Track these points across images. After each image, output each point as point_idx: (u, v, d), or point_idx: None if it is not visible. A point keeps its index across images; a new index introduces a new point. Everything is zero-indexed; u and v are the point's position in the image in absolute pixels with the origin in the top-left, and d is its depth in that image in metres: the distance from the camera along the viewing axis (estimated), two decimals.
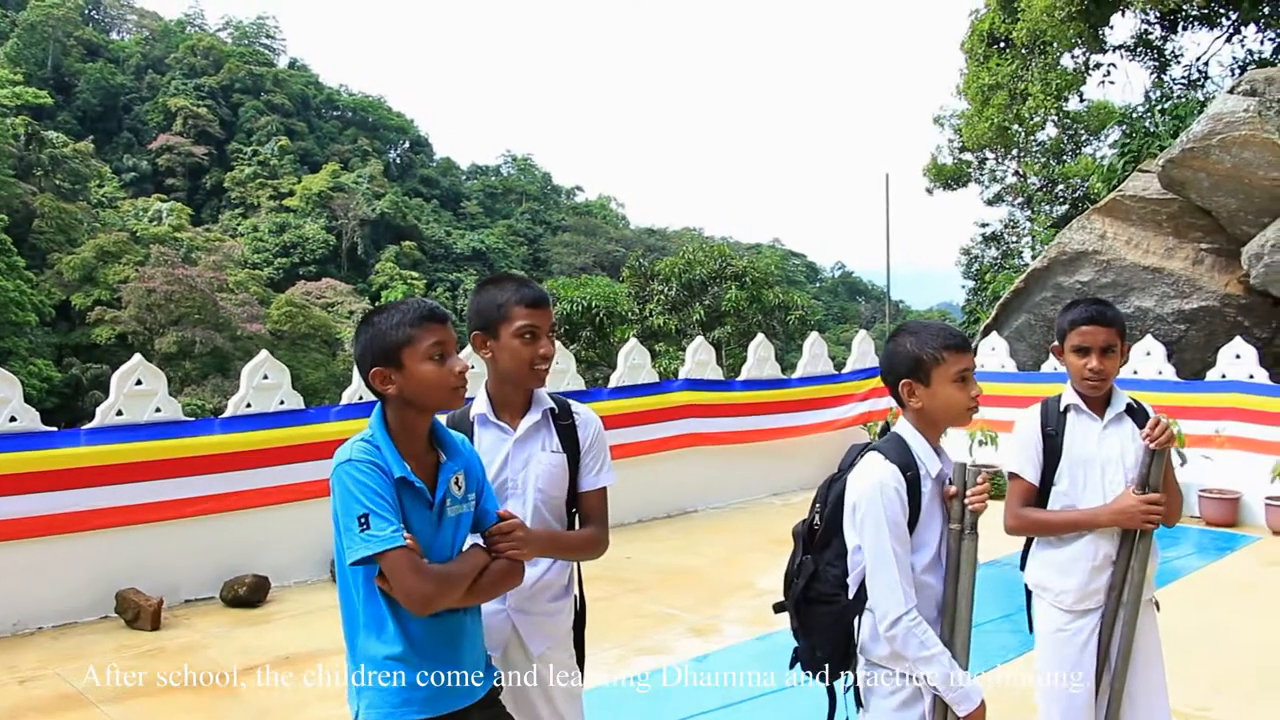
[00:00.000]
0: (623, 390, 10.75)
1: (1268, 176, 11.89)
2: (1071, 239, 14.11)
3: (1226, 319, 13.27)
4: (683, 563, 9.20)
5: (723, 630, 7.22)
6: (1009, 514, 3.65)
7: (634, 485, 10.58)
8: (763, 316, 27.21)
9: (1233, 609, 7.59)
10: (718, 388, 11.68)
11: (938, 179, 24.67)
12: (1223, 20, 19.63)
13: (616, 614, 7.49)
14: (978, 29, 21.14)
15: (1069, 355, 3.60)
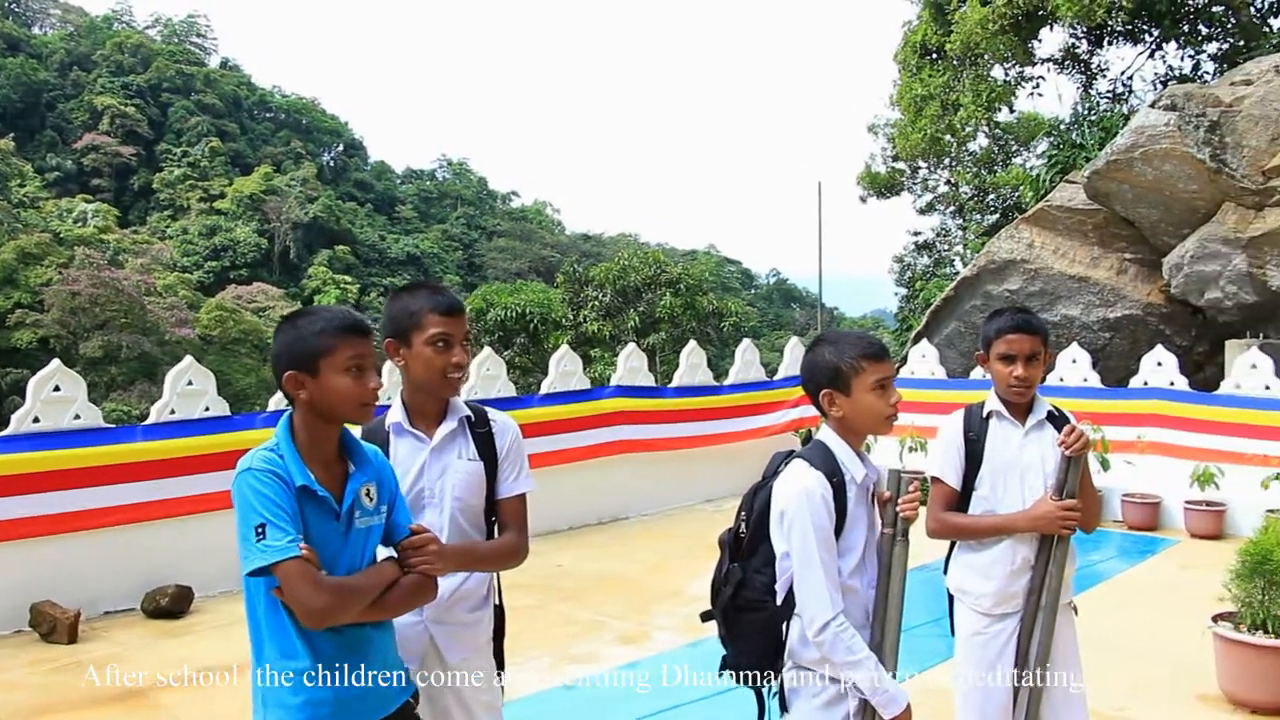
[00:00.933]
0: (554, 397, 10.71)
1: (1187, 189, 12.18)
2: (1000, 248, 14.34)
3: (1149, 327, 13.57)
4: (614, 569, 9.18)
5: (654, 637, 7.21)
6: (930, 518, 3.69)
7: (566, 492, 10.56)
8: (697, 323, 27.31)
9: (1152, 611, 7.73)
10: (650, 394, 11.68)
11: (871, 187, 24.93)
12: (1146, 36, 20.09)
13: (547, 621, 7.45)
14: (911, 40, 21.41)
15: (994, 363, 3.64)
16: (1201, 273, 12.38)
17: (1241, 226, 11.89)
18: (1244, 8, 19.27)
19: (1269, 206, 11.71)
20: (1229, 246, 12.01)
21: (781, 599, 3.01)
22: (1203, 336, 13.64)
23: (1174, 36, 19.91)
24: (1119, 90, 20.48)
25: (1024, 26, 18.19)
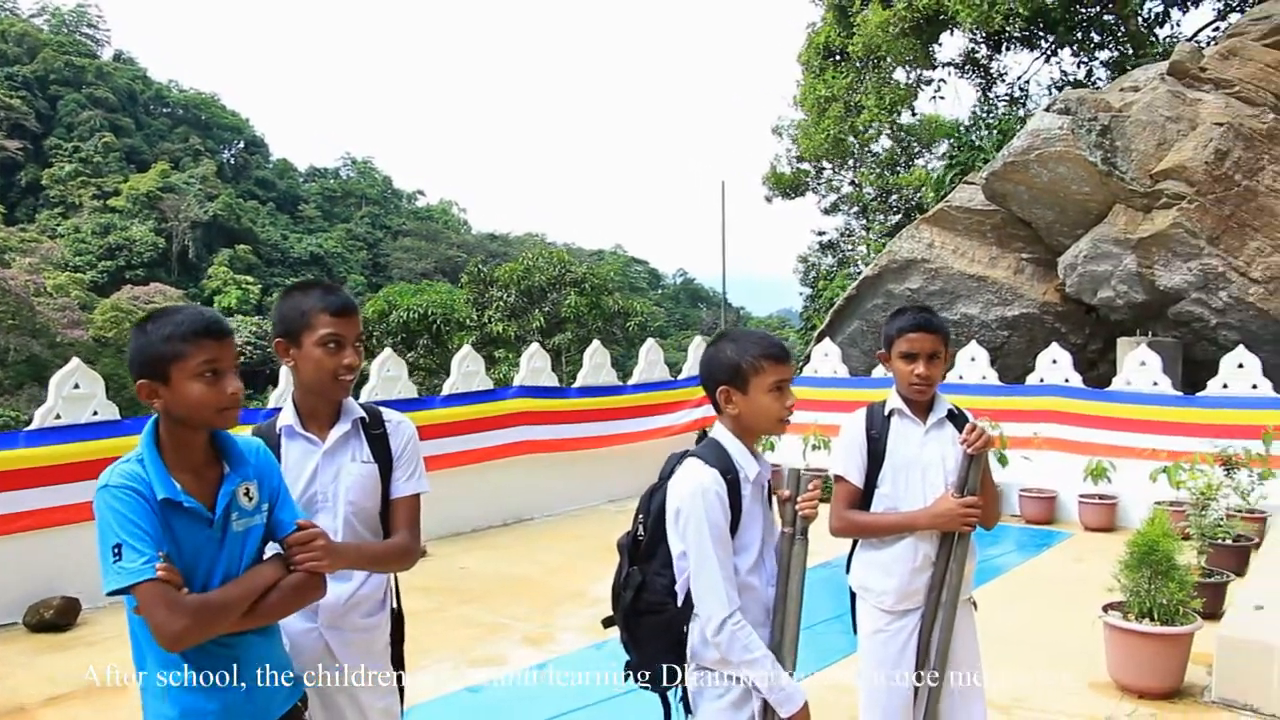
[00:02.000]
0: (456, 398, 10.60)
1: (1080, 191, 12.51)
2: (901, 248, 14.57)
3: (1045, 325, 13.90)
4: (518, 571, 9.12)
5: (558, 638, 7.16)
6: (833, 516, 3.71)
7: (470, 494, 10.47)
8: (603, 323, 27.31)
9: (1047, 602, 7.92)
10: (553, 395, 11.64)
11: (777, 188, 25.15)
12: (1041, 43, 20.61)
13: (450, 624, 7.37)
14: (814, 42, 21.66)
15: (896, 361, 3.66)
16: (1094, 272, 12.72)
17: (1131, 228, 12.23)
18: (1132, 17, 19.87)
19: (1157, 209, 12.07)
20: (1120, 247, 12.35)
21: (681, 600, 2.99)
22: (1096, 334, 14.01)
23: (1068, 43, 20.45)
24: (1016, 94, 21.00)
25: (925, 30, 18.52)
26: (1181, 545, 6.34)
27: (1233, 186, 11.87)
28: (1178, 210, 11.83)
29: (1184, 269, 12.08)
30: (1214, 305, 12.13)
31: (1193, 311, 12.34)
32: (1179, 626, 5.82)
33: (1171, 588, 5.90)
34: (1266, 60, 12.83)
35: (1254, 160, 12.00)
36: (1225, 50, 13.02)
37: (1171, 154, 12.00)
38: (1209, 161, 11.77)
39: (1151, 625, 5.82)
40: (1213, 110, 12.22)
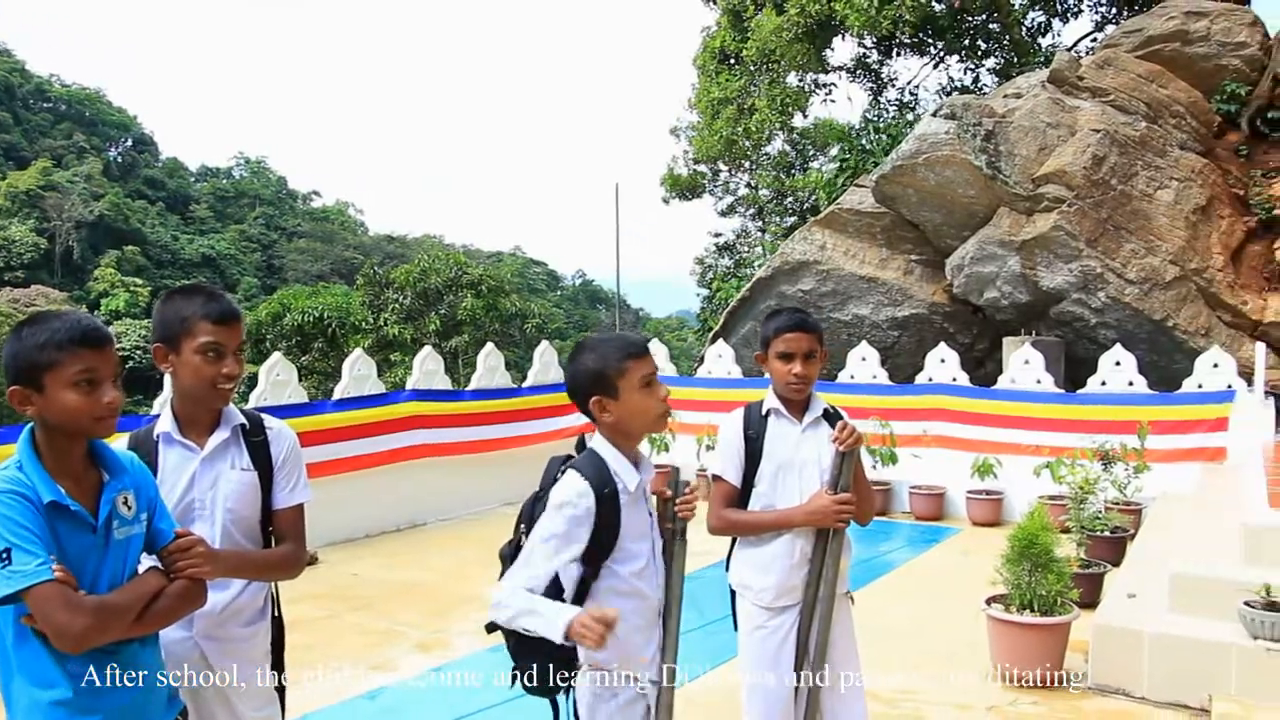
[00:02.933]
0: (348, 402, 10.46)
1: (966, 194, 12.84)
2: (794, 249, 14.78)
3: (934, 325, 14.23)
4: (411, 577, 9.04)
5: (452, 644, 7.13)
6: (712, 515, 3.74)
7: (362, 499, 10.35)
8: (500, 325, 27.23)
9: (935, 596, 8.12)
10: (447, 398, 11.56)
11: (674, 189, 25.25)
12: (930, 49, 21.10)
13: (342, 632, 7.28)
14: (710, 45, 21.85)
15: (773, 361, 3.71)
16: (980, 273, 13.06)
17: (1015, 230, 12.60)
18: (1016, 27, 20.48)
19: (1039, 212, 12.45)
20: (1004, 249, 12.71)
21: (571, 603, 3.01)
22: (983, 334, 14.39)
23: (956, 50, 20.99)
24: (906, 99, 21.44)
25: (817, 35, 18.82)
26: (1060, 538, 6.57)
27: (1109, 191, 12.30)
28: (1058, 213, 12.22)
29: (1065, 270, 12.47)
30: (1093, 305, 12.55)
31: (1073, 311, 12.75)
32: (1057, 617, 6.02)
33: (1050, 579, 6.11)
34: (1138, 71, 13.34)
35: (1128, 166, 12.46)
36: (1101, 60, 13.51)
37: (1052, 159, 12.39)
38: (1087, 167, 12.18)
39: (1032, 616, 6.02)
40: (1090, 117, 12.65)
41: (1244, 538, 6.40)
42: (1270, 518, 6.57)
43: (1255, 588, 5.68)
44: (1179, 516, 8.29)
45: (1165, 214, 12.50)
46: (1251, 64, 13.67)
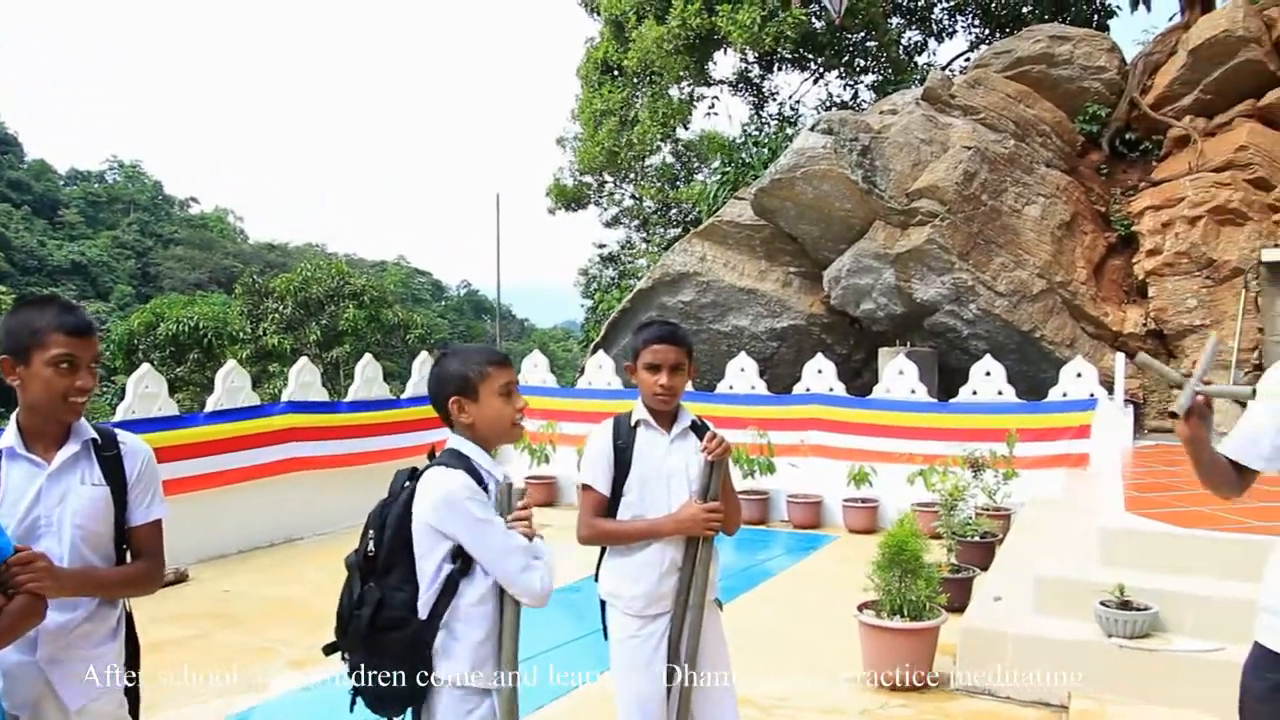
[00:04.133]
0: (221, 414, 10.21)
1: (843, 208, 13.10)
2: (674, 261, 14.90)
3: (812, 336, 14.47)
4: (286, 593, 8.85)
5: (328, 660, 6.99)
6: (581, 524, 3.78)
7: (235, 514, 10.12)
8: (383, 335, 26.89)
9: (811, 603, 8.25)
10: (323, 410, 11.36)
11: (560, 200, 25.22)
12: (811, 64, 21.47)
13: (212, 652, 7.09)
14: (593, 56, 21.88)
15: (641, 373, 3.76)
16: (857, 285, 13.34)
17: (890, 243, 12.90)
18: (893, 46, 20.98)
19: (912, 225, 12.77)
20: (880, 261, 13.00)
21: (427, 614, 2.99)
22: (860, 345, 14.68)
23: (836, 67, 21.42)
24: (787, 113, 21.77)
25: (699, 48, 18.99)
26: (930, 544, 6.74)
27: (980, 206, 12.68)
28: (931, 227, 12.54)
29: (938, 283, 12.80)
30: (965, 316, 12.91)
31: (946, 323, 13.09)
32: (926, 621, 6.17)
33: (919, 585, 6.26)
34: (1007, 90, 13.79)
35: (998, 182, 12.86)
36: (972, 80, 13.93)
37: (926, 174, 12.73)
38: (958, 182, 12.54)
39: (901, 621, 6.15)
40: (962, 134, 13.03)
41: (1101, 540, 6.65)
42: (1125, 521, 6.84)
43: (1110, 588, 5.90)
44: (1044, 521, 8.56)
45: (1032, 229, 12.93)
46: (1111, 87, 14.23)
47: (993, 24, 21.11)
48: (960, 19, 21.91)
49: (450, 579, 2.97)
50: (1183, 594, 5.83)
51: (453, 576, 2.97)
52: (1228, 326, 12.18)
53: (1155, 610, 5.77)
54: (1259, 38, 13.00)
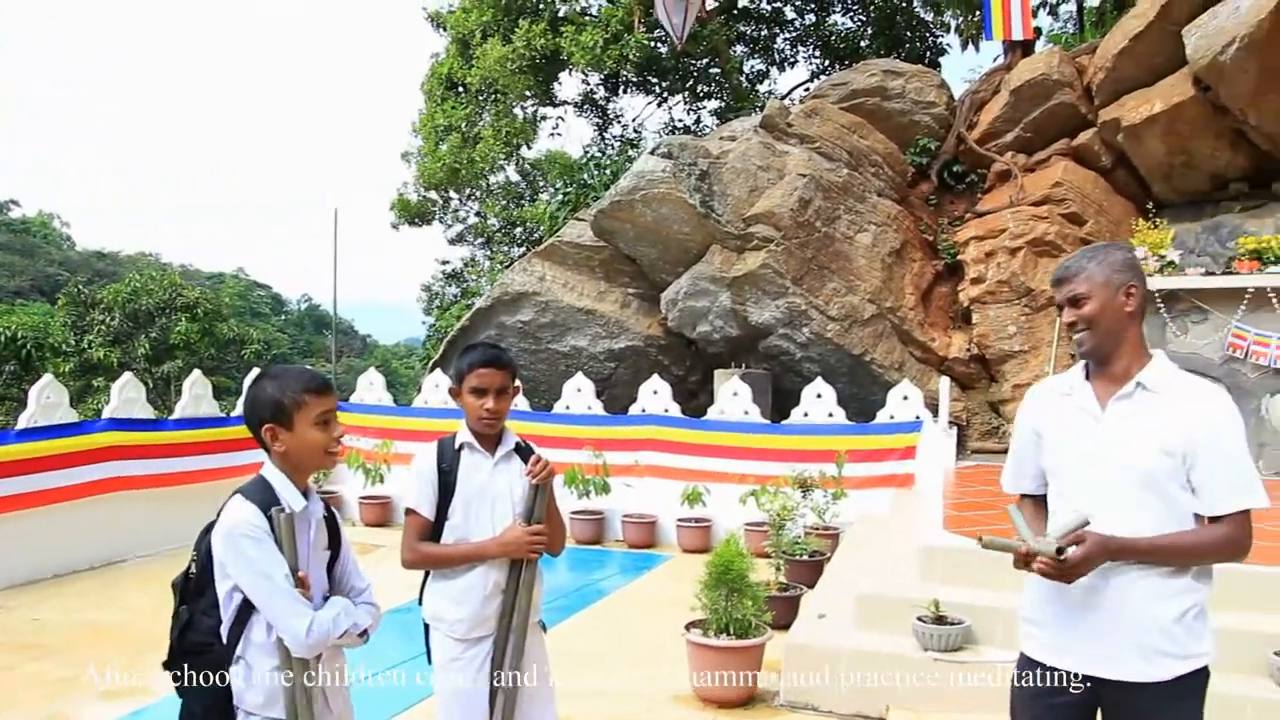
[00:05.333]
0: (35, 432, 9.69)
1: (681, 231, 13.26)
2: (514, 280, 14.85)
3: (649, 357, 14.58)
4: (104, 619, 8.44)
5: (149, 688, 6.65)
6: (405, 548, 3.73)
7: (50, 537, 9.63)
8: (217, 350, 26.08)
9: (645, 621, 8.27)
10: (148, 427, 10.91)
11: (404, 215, 24.80)
12: (655, 88, 21.73)
13: (18, 686, 6.68)
14: (437, 71, 21.69)
15: (466, 396, 3.75)
16: (693, 308, 13.50)
17: (726, 267, 13.10)
18: (735, 73, 21.42)
19: (748, 250, 13.00)
20: (716, 285, 13.19)
21: (227, 640, 2.93)
22: (696, 366, 14.86)
23: (680, 91, 21.72)
24: (631, 136, 21.98)
25: (544, 69, 19.03)
26: (759, 563, 6.84)
27: (814, 232, 13.00)
28: (766, 252, 12.79)
29: (772, 306, 13.06)
30: (798, 340, 13.20)
31: (780, 345, 13.36)
32: (752, 639, 6.26)
33: (746, 604, 6.35)
34: (842, 121, 14.20)
35: (831, 209, 13.21)
36: (809, 110, 14.29)
37: (762, 200, 12.98)
38: (794, 209, 12.83)
39: (728, 639, 6.22)
40: (797, 162, 13.35)
41: (919, 557, 6.86)
42: (942, 539, 7.08)
43: (927, 603, 6.09)
44: (869, 539, 8.79)
45: (864, 256, 13.31)
46: (940, 122, 14.79)
47: (832, 56, 21.74)
48: (802, 49, 22.49)
49: (241, 609, 2.93)
50: (994, 608, 6.05)
51: (243, 608, 2.93)
52: (1044, 353, 12.75)
53: (968, 624, 5.99)
54: (1072, 82, 13.70)
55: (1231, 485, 2.88)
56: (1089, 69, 13.70)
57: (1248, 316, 11.13)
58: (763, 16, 22.49)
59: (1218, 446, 2.88)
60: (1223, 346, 11.27)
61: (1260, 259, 11.23)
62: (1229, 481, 2.88)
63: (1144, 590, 2.92)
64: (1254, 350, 11.11)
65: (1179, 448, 2.88)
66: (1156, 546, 2.88)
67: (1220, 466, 2.88)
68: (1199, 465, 2.88)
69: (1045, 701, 3.09)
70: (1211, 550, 2.92)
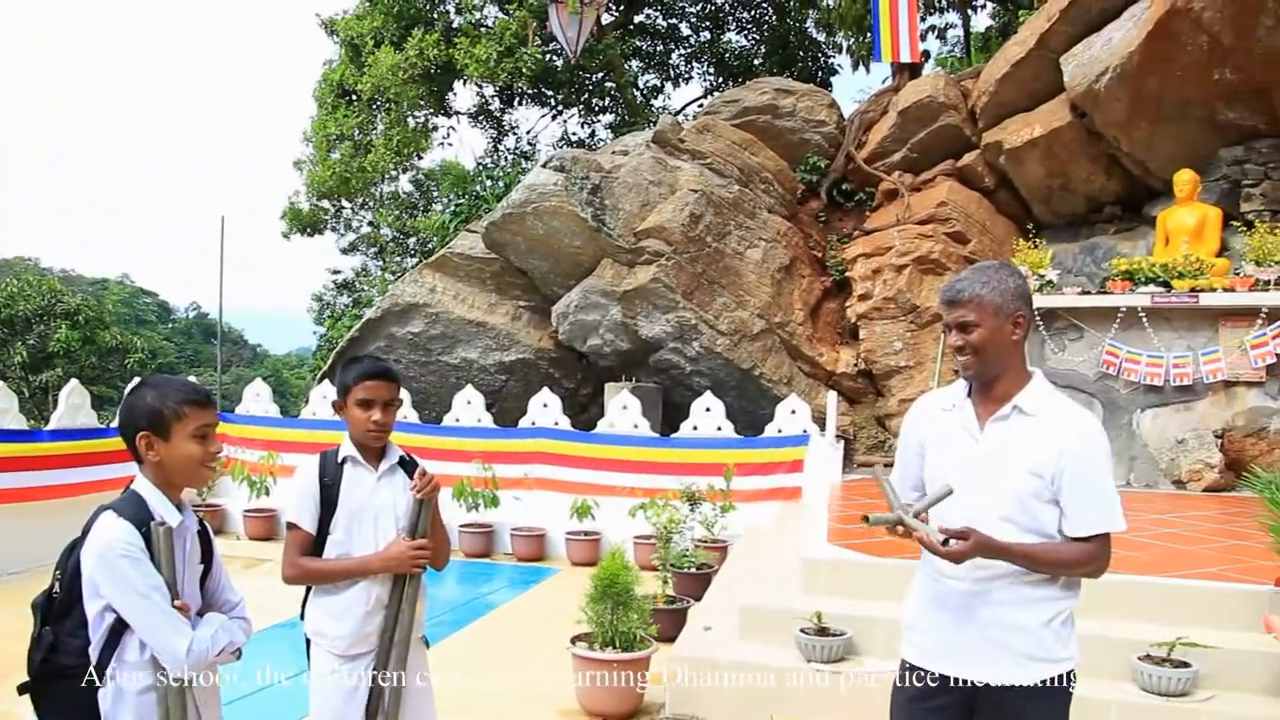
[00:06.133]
0: None
1: (572, 244, 13.26)
2: (404, 291, 14.69)
3: (541, 370, 14.55)
4: None
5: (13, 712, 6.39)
6: (286, 563, 3.68)
7: None
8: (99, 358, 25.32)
9: (532, 635, 8.20)
10: (20, 439, 10.50)
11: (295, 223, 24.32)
12: (551, 101, 21.72)
13: None
14: (329, 78, 21.37)
15: (353, 409, 3.70)
16: (584, 321, 13.50)
17: (617, 281, 13.14)
18: (630, 88, 21.53)
19: (639, 264, 13.06)
20: (607, 298, 13.21)
21: (95, 664, 2.86)
22: (587, 379, 14.86)
23: (575, 105, 21.75)
24: (526, 148, 21.92)
25: (437, 78, 18.86)
26: (644, 576, 6.85)
27: (704, 247, 13.11)
28: (657, 266, 12.86)
29: (663, 320, 13.12)
30: (688, 354, 13.28)
31: (670, 359, 13.43)
32: (637, 652, 6.26)
33: (631, 617, 6.36)
34: (733, 138, 14.37)
35: (722, 225, 13.34)
36: (701, 126, 14.42)
37: (653, 215, 13.06)
38: (684, 224, 12.92)
39: (613, 652, 6.22)
40: (689, 178, 13.46)
41: (803, 569, 6.94)
42: (825, 551, 7.18)
43: (810, 615, 6.16)
44: (756, 552, 8.86)
45: (754, 271, 13.46)
46: (830, 140, 15.04)
47: (726, 73, 21.99)
48: (697, 65, 22.72)
49: (113, 629, 2.86)
50: (875, 618, 6.15)
51: (115, 627, 2.86)
52: (928, 368, 13.03)
53: (849, 635, 6.07)
54: (957, 105, 14.07)
55: (1095, 509, 3.04)
56: (973, 93, 14.08)
57: (1120, 334, 11.51)
58: (659, 32, 22.68)
59: (1084, 472, 3.03)
60: (1097, 363, 11.63)
61: (1132, 279, 11.63)
62: (1092, 506, 3.04)
63: (1015, 598, 3.07)
64: (1126, 367, 11.49)
65: (1048, 470, 3.03)
66: (1028, 553, 3.03)
67: (1085, 491, 3.04)
68: (1065, 488, 3.04)
69: (922, 705, 3.21)
70: (1075, 564, 3.08)
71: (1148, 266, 11.68)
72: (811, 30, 22.47)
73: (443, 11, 19.77)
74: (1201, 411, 11.27)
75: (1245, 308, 11.04)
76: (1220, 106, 12.12)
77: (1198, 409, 11.30)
